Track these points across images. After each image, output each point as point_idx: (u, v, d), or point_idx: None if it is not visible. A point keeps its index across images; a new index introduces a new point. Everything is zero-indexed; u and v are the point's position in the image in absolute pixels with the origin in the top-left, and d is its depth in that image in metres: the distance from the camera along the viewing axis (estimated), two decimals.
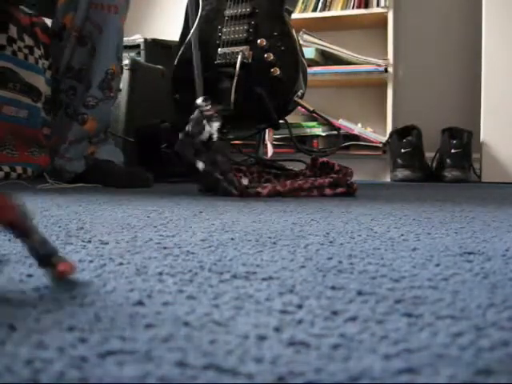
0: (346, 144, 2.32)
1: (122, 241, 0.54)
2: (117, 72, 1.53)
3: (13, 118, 1.67)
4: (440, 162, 2.19)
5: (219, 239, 0.56)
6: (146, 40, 2.27)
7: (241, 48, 1.51)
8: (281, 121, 1.52)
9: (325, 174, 1.29)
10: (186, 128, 1.12)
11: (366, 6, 2.36)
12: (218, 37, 1.58)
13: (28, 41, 1.73)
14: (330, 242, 0.55)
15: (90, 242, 0.54)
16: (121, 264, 0.43)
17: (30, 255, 0.37)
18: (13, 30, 1.67)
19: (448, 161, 2.13)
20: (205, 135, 1.07)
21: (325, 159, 1.33)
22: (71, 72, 1.49)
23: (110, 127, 1.63)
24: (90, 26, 1.45)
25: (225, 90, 1.49)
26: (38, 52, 1.77)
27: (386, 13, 2.32)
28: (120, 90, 1.94)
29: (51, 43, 1.58)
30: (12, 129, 1.66)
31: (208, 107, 1.13)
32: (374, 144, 2.33)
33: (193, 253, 0.48)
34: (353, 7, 2.38)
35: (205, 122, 1.07)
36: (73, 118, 1.50)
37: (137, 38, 2.28)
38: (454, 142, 2.14)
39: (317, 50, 2.37)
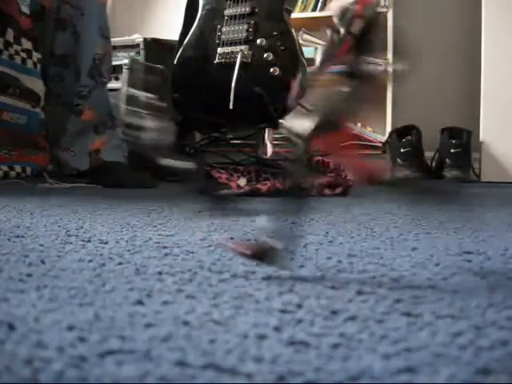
0: (346, 143, 2.32)
1: (122, 240, 0.54)
2: (106, 53, 1.47)
3: (12, 123, 1.66)
4: (439, 161, 2.19)
5: (218, 238, 0.56)
6: (145, 39, 2.27)
7: (240, 47, 1.51)
8: (280, 120, 1.52)
9: (321, 174, 1.28)
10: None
11: None
12: (217, 36, 1.58)
13: (26, 44, 1.71)
14: (330, 242, 0.55)
15: (89, 241, 0.54)
16: (120, 263, 0.43)
17: None
18: (10, 34, 1.66)
19: (447, 160, 2.13)
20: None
21: (320, 158, 1.33)
22: (54, 58, 1.45)
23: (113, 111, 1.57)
24: (69, 8, 1.40)
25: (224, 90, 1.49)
26: (37, 55, 1.75)
27: (386, 12, 2.32)
28: (117, 78, 1.90)
29: (34, 28, 1.52)
30: (11, 133, 1.66)
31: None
32: (374, 143, 2.32)
33: (192, 252, 0.48)
34: None
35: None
36: (67, 109, 1.46)
37: (136, 38, 2.28)
38: (454, 141, 2.14)
39: (316, 49, 2.37)
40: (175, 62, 1.64)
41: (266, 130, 2.11)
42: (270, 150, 2.39)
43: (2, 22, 1.63)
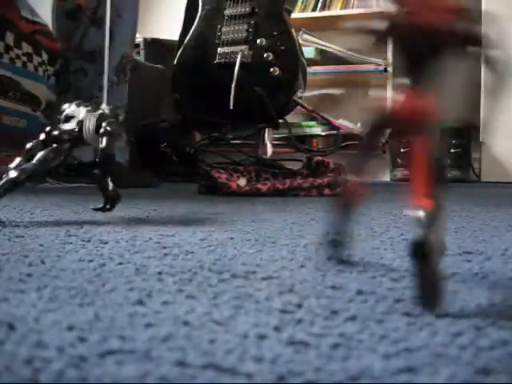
0: (346, 143, 2.32)
1: (122, 240, 0.54)
2: (131, 54, 1.53)
3: (12, 127, 1.67)
4: None
5: (218, 238, 0.56)
6: (145, 39, 2.27)
7: (240, 48, 1.51)
8: (280, 120, 1.52)
9: (321, 174, 1.29)
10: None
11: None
12: (217, 36, 1.58)
13: (26, 48, 1.71)
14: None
15: (89, 241, 0.54)
16: (120, 263, 0.43)
17: None
18: (9, 38, 1.66)
19: (447, 160, 2.13)
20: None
21: (320, 158, 1.33)
22: (81, 53, 1.49)
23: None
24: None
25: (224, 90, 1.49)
26: (37, 59, 1.75)
27: None
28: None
29: (63, 24, 1.55)
30: (11, 136, 1.66)
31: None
32: None
33: (192, 252, 0.48)
34: (352, 7, 2.38)
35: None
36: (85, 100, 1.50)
37: (136, 38, 2.28)
38: (454, 141, 2.14)
39: (316, 49, 2.37)
40: (175, 61, 1.64)
41: (266, 130, 2.11)
42: (269, 150, 2.39)
43: (0, 25, 1.64)
